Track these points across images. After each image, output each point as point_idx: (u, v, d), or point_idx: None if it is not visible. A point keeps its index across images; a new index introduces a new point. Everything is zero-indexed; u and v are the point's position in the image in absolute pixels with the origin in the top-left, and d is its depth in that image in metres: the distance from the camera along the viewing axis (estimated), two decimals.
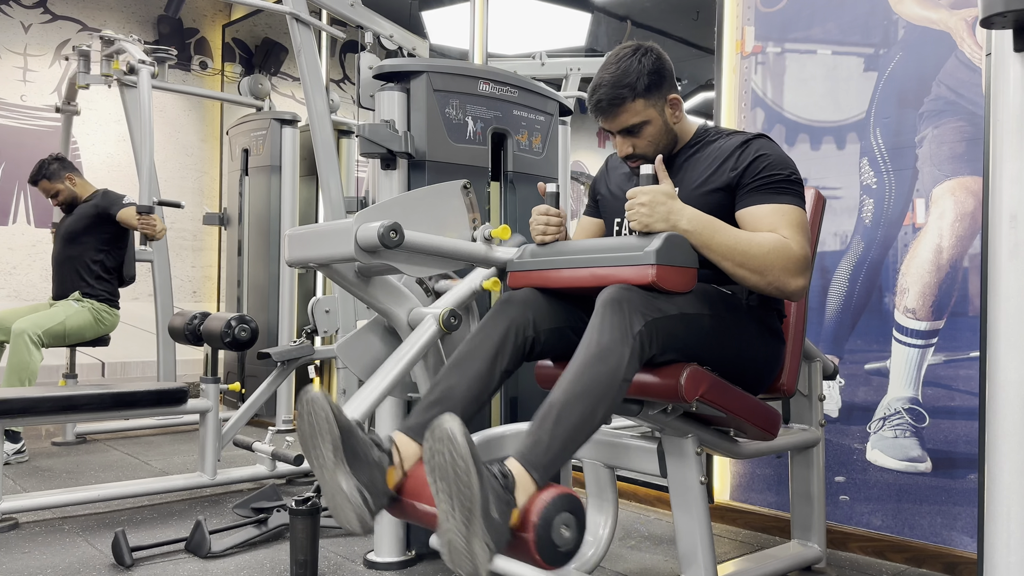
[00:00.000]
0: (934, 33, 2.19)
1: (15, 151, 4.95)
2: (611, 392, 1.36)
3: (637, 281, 1.45)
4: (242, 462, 3.12)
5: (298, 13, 3.02)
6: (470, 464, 1.18)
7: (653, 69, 1.67)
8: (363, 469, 1.35)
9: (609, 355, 1.37)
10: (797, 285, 1.56)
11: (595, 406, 1.35)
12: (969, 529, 2.08)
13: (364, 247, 1.59)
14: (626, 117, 1.68)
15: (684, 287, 1.48)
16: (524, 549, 1.25)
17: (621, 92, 1.66)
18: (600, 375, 1.36)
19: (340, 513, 1.36)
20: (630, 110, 1.67)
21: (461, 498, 1.18)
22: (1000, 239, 1.15)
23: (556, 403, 1.34)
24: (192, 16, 5.72)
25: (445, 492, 1.20)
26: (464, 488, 1.18)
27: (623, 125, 1.70)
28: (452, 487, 1.19)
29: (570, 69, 4.07)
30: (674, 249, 1.46)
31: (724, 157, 1.69)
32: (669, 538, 2.39)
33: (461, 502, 1.18)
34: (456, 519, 1.20)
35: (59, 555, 2.20)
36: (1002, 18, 1.09)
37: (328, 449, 1.33)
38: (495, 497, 1.21)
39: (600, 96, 1.68)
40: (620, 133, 1.72)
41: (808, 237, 1.61)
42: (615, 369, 1.37)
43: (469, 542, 1.19)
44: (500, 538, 1.21)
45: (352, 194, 4.59)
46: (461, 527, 1.19)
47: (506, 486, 1.24)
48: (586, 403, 1.34)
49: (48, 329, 3.36)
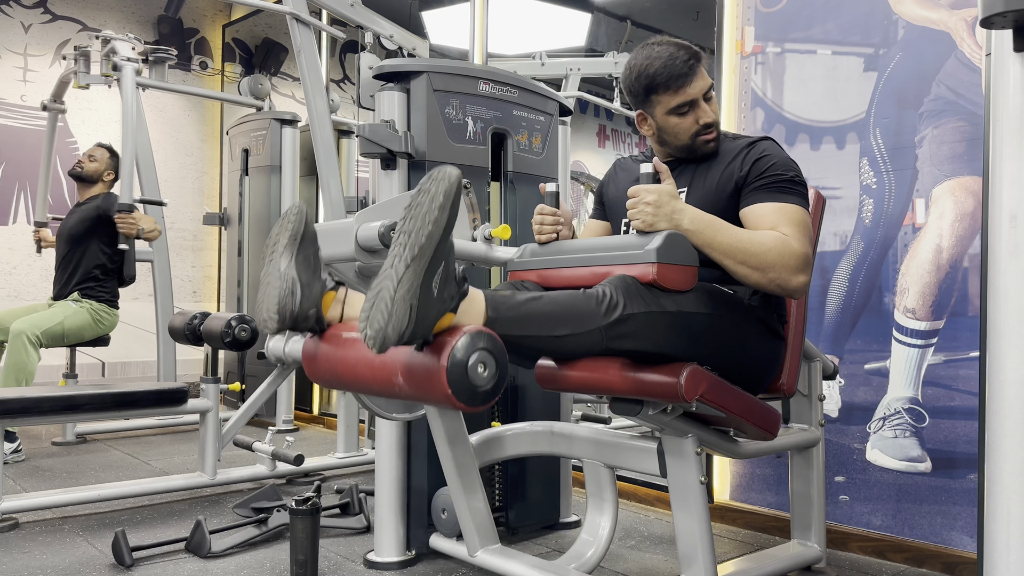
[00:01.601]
0: (934, 33, 2.19)
1: (15, 151, 4.95)
2: (584, 318, 1.40)
3: (638, 279, 1.46)
4: (242, 462, 3.12)
5: (298, 13, 3.03)
6: (447, 202, 1.17)
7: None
8: (307, 271, 1.39)
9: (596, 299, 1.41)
10: (798, 282, 1.57)
11: (564, 316, 1.40)
12: (969, 529, 2.09)
13: (364, 247, 1.59)
14: (703, 81, 1.70)
15: (685, 285, 1.48)
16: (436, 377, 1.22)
17: (690, 57, 1.68)
18: (583, 304, 1.41)
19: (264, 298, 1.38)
20: (703, 74, 1.71)
21: (417, 235, 1.17)
22: (1000, 239, 1.15)
23: (538, 296, 1.41)
24: (192, 16, 5.72)
25: (405, 233, 1.19)
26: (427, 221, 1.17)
27: (704, 88, 1.71)
28: (415, 226, 1.18)
29: (570, 69, 4.07)
30: (675, 247, 1.47)
31: (730, 159, 1.72)
32: (669, 538, 2.39)
33: (416, 240, 1.17)
34: (397, 266, 1.18)
35: (59, 555, 2.20)
36: (1002, 18, 1.09)
37: (286, 235, 1.39)
38: (444, 275, 1.20)
39: (683, 58, 1.67)
40: (704, 98, 1.72)
41: (810, 236, 1.62)
42: (597, 305, 1.41)
43: (396, 294, 1.16)
44: (425, 317, 1.19)
45: (352, 194, 4.59)
46: (398, 273, 1.17)
47: (458, 288, 1.24)
48: (558, 308, 1.40)
49: (46, 330, 3.37)
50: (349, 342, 1.41)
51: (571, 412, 2.60)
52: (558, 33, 4.32)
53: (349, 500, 2.52)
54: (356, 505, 2.49)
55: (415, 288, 1.17)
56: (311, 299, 1.38)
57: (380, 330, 1.17)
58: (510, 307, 1.38)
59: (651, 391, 1.51)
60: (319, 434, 4.18)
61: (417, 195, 1.23)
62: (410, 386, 1.29)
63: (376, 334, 1.18)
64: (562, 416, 2.46)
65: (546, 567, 1.75)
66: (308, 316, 1.39)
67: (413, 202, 1.23)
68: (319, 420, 4.46)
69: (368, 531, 2.41)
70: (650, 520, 2.60)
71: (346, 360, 1.41)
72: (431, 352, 1.25)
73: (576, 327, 1.41)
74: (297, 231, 1.38)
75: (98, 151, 3.77)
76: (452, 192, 1.20)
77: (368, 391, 1.43)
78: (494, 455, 1.95)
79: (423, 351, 1.26)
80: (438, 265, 1.20)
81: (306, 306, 1.37)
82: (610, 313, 1.40)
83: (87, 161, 3.73)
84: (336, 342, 1.43)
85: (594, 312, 1.40)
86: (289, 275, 1.36)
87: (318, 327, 1.43)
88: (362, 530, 2.42)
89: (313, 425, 4.45)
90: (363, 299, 1.45)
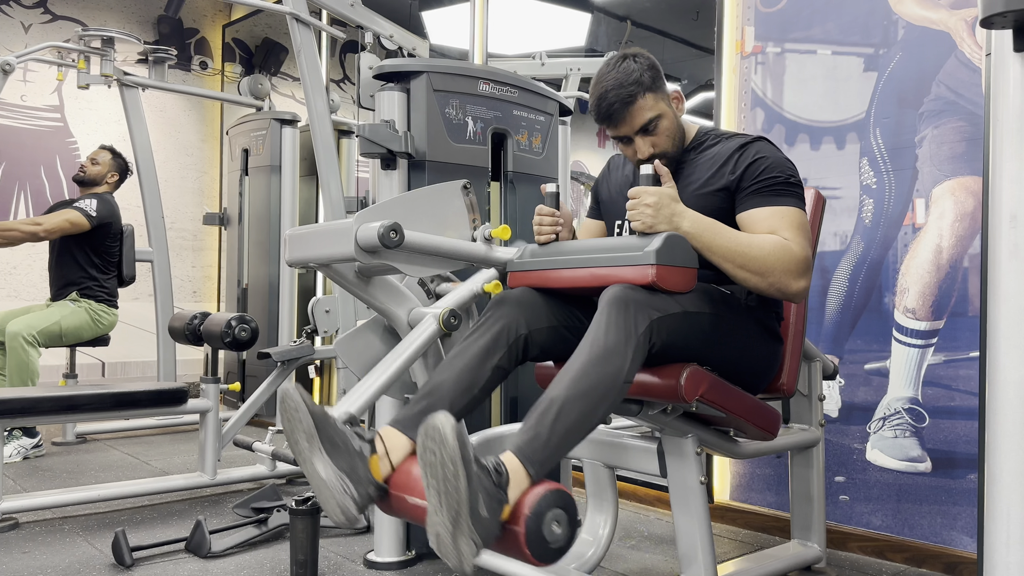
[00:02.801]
0: (934, 33, 2.19)
1: (15, 151, 4.95)
2: (612, 393, 1.36)
3: (637, 281, 1.44)
4: (242, 462, 3.12)
5: (298, 13, 3.02)
6: (459, 464, 1.17)
7: (650, 65, 1.69)
8: (342, 457, 1.35)
9: (613, 356, 1.37)
10: (798, 287, 1.57)
11: (596, 405, 1.35)
12: (969, 529, 2.08)
13: (364, 247, 1.59)
14: (641, 115, 1.67)
15: (684, 287, 1.48)
16: (515, 544, 1.24)
17: (630, 89, 1.65)
18: (603, 376, 1.36)
19: (324, 503, 1.35)
20: (643, 106, 1.67)
21: (448, 497, 1.18)
22: (1000, 239, 1.15)
23: (557, 399, 1.34)
24: (192, 16, 5.72)
25: (434, 489, 1.20)
26: (452, 487, 1.18)
27: (640, 123, 1.68)
28: (441, 485, 1.18)
29: (570, 69, 4.07)
30: (674, 249, 1.46)
31: (723, 160, 1.70)
32: (669, 538, 2.39)
33: (448, 500, 1.18)
34: (443, 516, 1.19)
35: (59, 555, 2.20)
36: (1002, 18, 1.09)
37: (303, 437, 1.33)
38: (485, 495, 1.20)
39: (611, 100, 1.66)
40: (638, 134, 1.69)
41: (809, 238, 1.61)
42: (618, 370, 1.37)
43: (455, 539, 1.19)
44: (488, 534, 1.21)
45: (352, 194, 4.59)
46: (448, 524, 1.19)
47: (499, 483, 1.23)
48: (587, 402, 1.34)
49: (42, 329, 3.37)
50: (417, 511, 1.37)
51: None
52: (558, 33, 4.32)
53: None
54: None
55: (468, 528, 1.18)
56: (364, 482, 1.35)
57: (459, 567, 1.20)
58: (542, 446, 1.31)
59: (651, 391, 1.51)
60: None
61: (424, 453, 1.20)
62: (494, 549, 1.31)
63: (457, 568, 1.21)
64: None
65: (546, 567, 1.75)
66: (369, 496, 1.37)
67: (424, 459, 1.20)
68: None
69: (368, 531, 2.41)
70: (650, 520, 2.60)
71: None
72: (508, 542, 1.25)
73: (607, 398, 1.36)
74: (308, 425, 1.33)
75: (101, 154, 3.76)
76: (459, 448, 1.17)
77: None
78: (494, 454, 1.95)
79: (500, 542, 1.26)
80: (477, 501, 1.19)
81: (363, 492, 1.35)
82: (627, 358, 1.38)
83: (89, 165, 3.72)
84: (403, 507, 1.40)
85: (615, 375, 1.37)
86: (331, 476, 1.32)
87: (381, 495, 1.40)
88: (362, 530, 2.42)
89: None
90: (397, 435, 1.42)
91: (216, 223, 4.78)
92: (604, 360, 1.37)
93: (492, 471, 1.24)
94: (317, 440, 1.33)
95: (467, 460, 1.19)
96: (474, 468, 1.20)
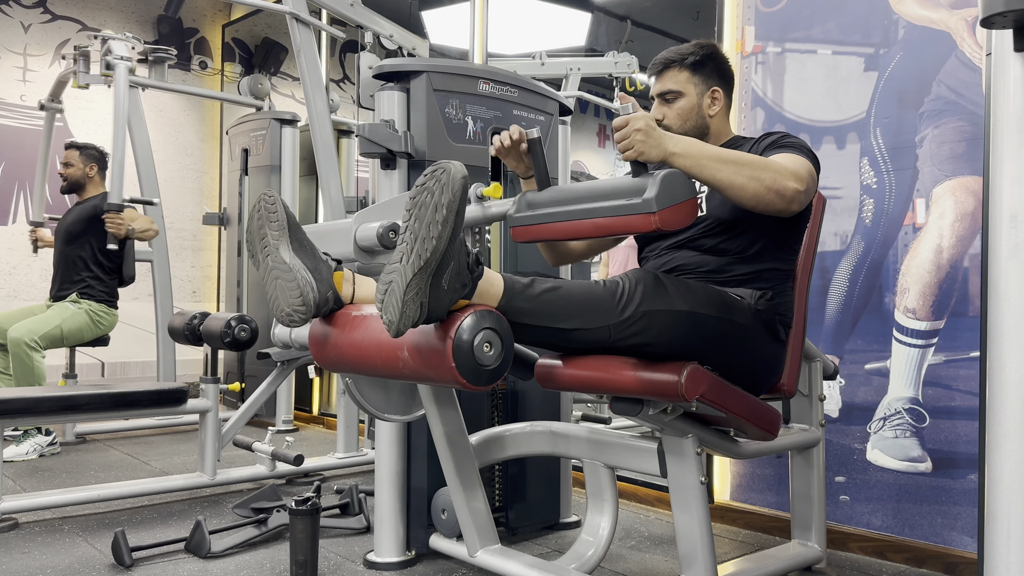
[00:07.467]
0: (934, 33, 2.19)
1: (15, 151, 4.95)
2: (598, 313, 1.40)
3: (642, 229, 1.43)
4: (242, 462, 3.12)
5: (298, 13, 3.02)
6: (451, 214, 1.15)
7: (708, 55, 1.83)
8: (308, 257, 1.37)
9: (619, 294, 1.42)
10: (795, 187, 1.53)
11: (578, 311, 1.40)
12: (969, 529, 2.08)
13: (363, 247, 1.59)
14: (666, 82, 1.83)
15: (688, 219, 1.45)
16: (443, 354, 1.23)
17: (671, 57, 1.83)
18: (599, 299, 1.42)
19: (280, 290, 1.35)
20: (672, 77, 1.82)
21: (422, 244, 1.16)
22: (1000, 239, 1.15)
23: (560, 285, 1.41)
24: (192, 16, 5.72)
25: (412, 232, 1.18)
26: (432, 235, 1.15)
27: (663, 89, 1.83)
28: (423, 229, 1.16)
29: (570, 69, 4.07)
30: (672, 186, 1.42)
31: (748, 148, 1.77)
32: (669, 538, 2.39)
33: (420, 249, 1.16)
34: (407, 264, 1.17)
35: (59, 555, 2.20)
36: (1002, 18, 1.09)
37: (274, 227, 1.35)
38: (455, 269, 1.20)
39: (658, 58, 1.84)
40: (658, 97, 1.84)
41: (810, 173, 1.61)
42: (613, 302, 1.41)
43: (405, 292, 1.17)
44: (437, 307, 1.20)
45: (352, 194, 4.59)
46: (406, 274, 1.17)
47: (471, 269, 1.23)
48: (574, 303, 1.41)
49: (44, 333, 3.38)
50: (358, 321, 1.39)
51: (571, 412, 2.60)
52: (558, 33, 4.32)
53: (349, 500, 2.52)
54: (356, 505, 2.49)
55: (424, 289, 1.17)
56: (326, 282, 1.37)
57: (393, 322, 1.20)
58: (526, 296, 1.37)
59: (652, 390, 1.51)
60: (319, 434, 4.18)
61: (420, 192, 1.21)
62: (416, 363, 1.30)
63: (390, 324, 1.21)
64: (562, 416, 2.46)
65: (546, 567, 1.75)
66: (328, 299, 1.38)
67: (417, 199, 1.21)
68: (319, 420, 4.46)
69: (368, 531, 2.41)
70: (650, 520, 2.60)
71: (353, 341, 1.40)
72: (439, 330, 1.26)
73: (587, 322, 1.41)
74: (282, 219, 1.37)
75: (69, 155, 3.74)
76: (456, 200, 1.17)
77: (374, 371, 1.43)
78: (494, 455, 1.95)
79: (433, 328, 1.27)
80: (446, 267, 1.19)
81: (323, 289, 1.36)
82: (624, 310, 1.40)
83: (65, 170, 3.73)
84: (344, 322, 1.42)
85: (609, 308, 1.41)
86: (297, 264, 1.34)
87: (336, 307, 1.42)
88: (362, 530, 2.42)
89: (313, 425, 4.45)
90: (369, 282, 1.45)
91: (216, 223, 4.78)
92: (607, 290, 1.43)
93: (473, 257, 1.23)
94: (287, 235, 1.36)
95: (459, 216, 1.18)
96: (460, 234, 1.20)
